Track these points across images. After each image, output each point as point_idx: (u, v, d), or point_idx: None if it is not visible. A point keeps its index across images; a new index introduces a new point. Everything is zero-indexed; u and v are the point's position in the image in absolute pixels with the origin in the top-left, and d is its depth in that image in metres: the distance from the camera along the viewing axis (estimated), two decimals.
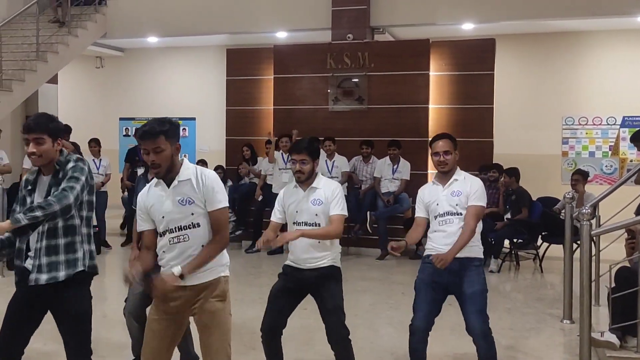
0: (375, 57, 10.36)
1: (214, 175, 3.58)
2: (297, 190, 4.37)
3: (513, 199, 9.02)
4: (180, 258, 3.48)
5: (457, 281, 4.27)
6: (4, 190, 8.44)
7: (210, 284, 3.54)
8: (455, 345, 5.53)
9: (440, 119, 10.18)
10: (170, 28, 12.42)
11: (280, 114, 10.63)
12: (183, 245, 3.49)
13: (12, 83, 10.43)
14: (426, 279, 4.39)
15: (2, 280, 7.67)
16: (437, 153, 4.37)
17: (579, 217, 4.98)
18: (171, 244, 3.51)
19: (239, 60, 11.27)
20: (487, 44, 10.18)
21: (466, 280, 4.27)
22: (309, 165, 4.26)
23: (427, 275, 4.38)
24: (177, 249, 3.50)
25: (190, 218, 3.47)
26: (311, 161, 4.27)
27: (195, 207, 3.48)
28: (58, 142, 3.59)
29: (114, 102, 14.76)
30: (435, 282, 4.33)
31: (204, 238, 3.51)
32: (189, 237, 3.48)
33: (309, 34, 11.69)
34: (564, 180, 11.47)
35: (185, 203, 3.48)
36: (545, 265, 8.97)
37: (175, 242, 3.50)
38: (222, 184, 3.64)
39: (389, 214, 9.60)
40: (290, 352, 4.75)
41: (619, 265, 5.32)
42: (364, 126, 10.22)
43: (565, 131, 12.19)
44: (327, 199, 4.28)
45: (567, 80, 12.13)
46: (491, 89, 10.03)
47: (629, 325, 4.79)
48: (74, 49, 11.94)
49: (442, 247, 4.27)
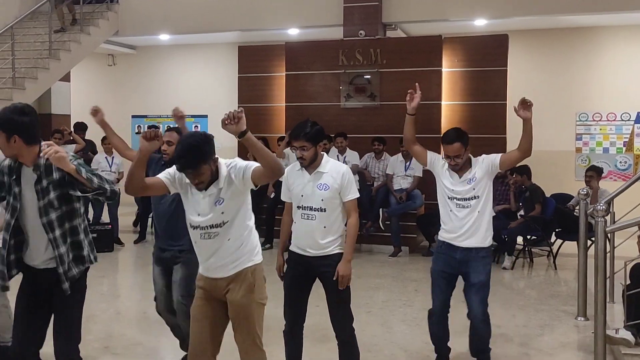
0: (387, 53, 10.36)
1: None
2: (302, 173, 4.29)
3: (526, 196, 9.00)
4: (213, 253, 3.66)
5: (465, 270, 4.59)
6: None
7: (238, 275, 3.65)
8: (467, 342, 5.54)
9: (452, 116, 10.17)
10: (182, 25, 12.48)
11: (292, 111, 10.65)
12: (217, 241, 3.63)
13: (25, 81, 10.52)
14: (438, 269, 4.71)
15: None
16: (448, 156, 4.60)
17: (594, 213, 4.98)
18: (202, 239, 3.66)
19: (251, 58, 11.30)
20: (500, 40, 10.16)
21: (473, 270, 4.55)
22: (310, 151, 4.17)
23: (439, 265, 4.70)
24: (211, 245, 3.64)
25: (221, 217, 3.59)
26: (312, 146, 4.18)
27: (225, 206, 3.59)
28: (14, 139, 3.42)
29: (126, 100, 14.84)
30: (445, 272, 4.66)
31: (236, 232, 3.65)
32: (219, 234, 3.62)
33: (320, 30, 11.71)
34: (578, 176, 11.44)
35: (217, 204, 3.59)
36: (559, 262, 8.94)
37: (205, 237, 3.64)
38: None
39: (402, 211, 9.60)
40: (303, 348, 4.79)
41: (634, 262, 5.31)
42: (376, 123, 10.22)
43: (579, 127, 12.14)
44: (336, 184, 4.19)
45: (581, 76, 12.07)
46: (504, 85, 10.01)
47: None
48: (86, 47, 12.02)
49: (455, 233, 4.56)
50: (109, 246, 9.59)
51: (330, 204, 4.19)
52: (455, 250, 4.58)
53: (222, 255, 3.65)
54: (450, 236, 4.62)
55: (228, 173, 3.61)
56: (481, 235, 4.56)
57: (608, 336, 4.81)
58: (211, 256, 3.66)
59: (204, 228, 3.62)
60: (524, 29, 11.91)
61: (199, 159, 3.47)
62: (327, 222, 4.20)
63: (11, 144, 3.44)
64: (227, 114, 3.46)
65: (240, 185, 3.59)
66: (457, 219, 4.58)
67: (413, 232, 9.82)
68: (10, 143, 3.44)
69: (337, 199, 4.21)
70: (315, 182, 4.21)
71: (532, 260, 9.15)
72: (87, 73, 14.72)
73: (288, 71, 10.88)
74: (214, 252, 3.65)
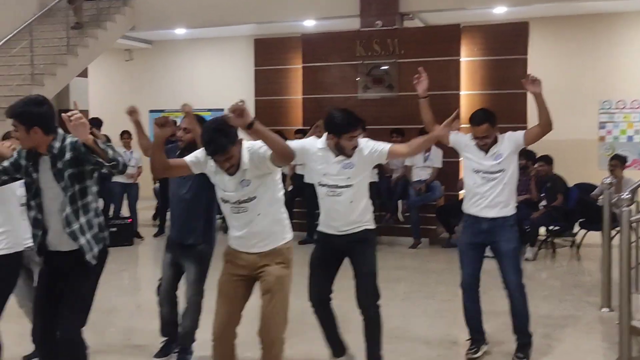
0: (405, 43, 10.29)
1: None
2: (327, 153, 4.31)
3: (548, 186, 8.91)
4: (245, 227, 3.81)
5: (493, 239, 4.76)
6: None
7: (273, 251, 3.83)
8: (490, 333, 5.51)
9: (472, 105, 10.04)
10: (198, 19, 12.51)
11: (310, 103, 10.63)
12: (247, 215, 3.78)
13: (44, 77, 10.61)
14: (465, 241, 4.91)
15: None
16: (477, 137, 4.76)
17: (618, 203, 4.92)
18: (232, 213, 3.83)
19: (267, 50, 11.28)
20: (520, 27, 10.04)
21: (502, 238, 4.74)
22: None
23: (467, 238, 4.91)
24: (241, 219, 3.81)
25: (248, 194, 3.74)
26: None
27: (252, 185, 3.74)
28: (34, 130, 3.50)
29: (144, 95, 14.90)
30: (473, 243, 4.83)
31: (265, 207, 3.79)
32: (248, 209, 3.77)
33: (337, 21, 11.67)
34: (601, 165, 11.32)
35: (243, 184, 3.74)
36: (583, 253, 8.87)
37: (235, 212, 3.81)
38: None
39: (421, 202, 9.56)
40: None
41: None
42: (395, 114, 10.16)
43: (602, 115, 12.00)
44: (363, 157, 4.27)
45: (604, 63, 11.93)
46: (525, 74, 9.78)
47: None
48: (103, 43, 12.09)
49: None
50: (128, 240, 9.65)
51: (356, 177, 4.27)
52: (482, 221, 4.77)
53: (254, 229, 3.79)
54: (476, 209, 4.80)
55: (250, 156, 3.71)
56: (507, 204, 4.77)
57: (633, 327, 4.75)
58: (243, 229, 3.81)
59: (233, 203, 3.78)
60: (544, 16, 11.77)
61: (227, 142, 3.59)
62: (354, 198, 4.29)
63: (31, 135, 3.51)
64: (230, 109, 3.53)
65: (263, 168, 3.69)
66: (482, 191, 4.75)
67: (433, 223, 9.77)
68: (30, 135, 3.51)
69: (361, 175, 4.30)
70: (340, 163, 4.27)
71: (555, 250, 9.07)
72: (105, 68, 14.82)
73: (305, 63, 10.85)
74: (246, 226, 3.80)
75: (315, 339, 4.84)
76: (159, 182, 10.92)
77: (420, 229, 9.54)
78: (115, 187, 10.09)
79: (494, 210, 4.73)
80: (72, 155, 3.55)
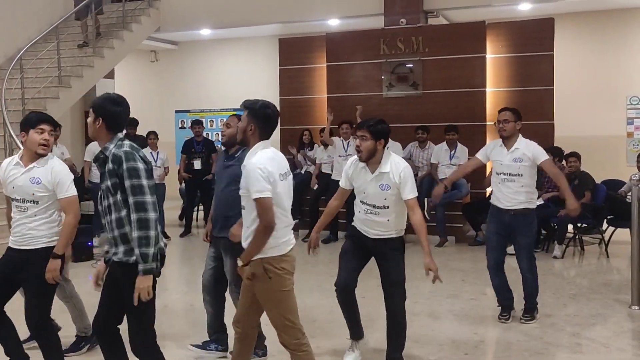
0: (429, 41, 10.25)
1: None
2: (365, 171, 4.47)
3: (576, 183, 8.82)
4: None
5: (513, 231, 5.61)
6: None
7: (250, 265, 3.76)
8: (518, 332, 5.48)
9: (498, 102, 9.99)
10: (223, 20, 12.59)
11: (334, 102, 10.62)
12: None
13: (71, 79, 10.76)
14: (492, 230, 5.76)
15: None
16: (499, 121, 5.55)
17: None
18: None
19: (292, 50, 11.30)
20: (546, 23, 9.95)
21: (520, 233, 5.59)
22: (369, 143, 4.35)
23: (492, 227, 5.75)
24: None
25: None
26: (372, 139, 4.34)
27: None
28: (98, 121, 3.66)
29: (169, 95, 15.04)
30: (499, 233, 5.67)
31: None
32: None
33: (361, 20, 11.66)
34: (630, 162, 11.17)
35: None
36: (612, 250, 8.76)
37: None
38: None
39: (447, 200, 9.48)
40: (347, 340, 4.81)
41: None
42: (419, 112, 10.13)
43: (630, 111, 11.85)
44: (396, 183, 4.38)
45: (631, 58, 11.78)
46: (551, 70, 9.80)
47: None
48: (129, 44, 12.22)
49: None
50: None
51: (393, 200, 4.43)
52: (504, 214, 5.57)
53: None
54: (498, 203, 5.62)
55: None
56: (524, 202, 5.53)
57: None
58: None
59: None
60: (570, 12, 11.65)
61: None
62: (391, 217, 4.48)
63: (95, 125, 3.67)
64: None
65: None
66: (503, 191, 5.57)
67: (459, 221, 9.72)
68: (95, 124, 3.67)
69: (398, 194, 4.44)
70: (377, 182, 4.41)
71: (583, 248, 8.97)
72: (131, 69, 14.97)
73: (329, 62, 10.85)
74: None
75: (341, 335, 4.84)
76: (184, 183, 11.03)
77: (446, 227, 9.51)
78: None
79: (514, 207, 5.56)
80: (114, 167, 3.55)
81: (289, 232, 3.82)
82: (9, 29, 11.56)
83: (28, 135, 4.26)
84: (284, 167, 3.83)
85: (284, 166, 3.85)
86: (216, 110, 14.64)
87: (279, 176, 3.72)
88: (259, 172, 3.61)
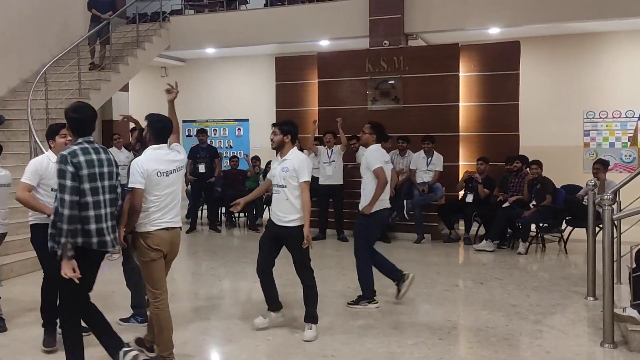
0: (409, 60, 10.26)
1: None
2: (277, 159, 5.15)
3: (538, 188, 8.84)
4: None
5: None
6: None
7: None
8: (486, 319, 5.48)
9: (469, 116, 10.04)
10: (226, 40, 12.58)
11: (324, 114, 10.61)
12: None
13: (90, 92, 10.69)
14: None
15: None
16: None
17: (601, 202, 4.87)
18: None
19: (287, 67, 11.29)
20: (513, 46, 9.97)
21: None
22: (278, 137, 5.05)
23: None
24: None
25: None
26: (280, 133, 5.03)
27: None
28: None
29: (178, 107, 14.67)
30: None
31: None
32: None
33: (349, 41, 11.66)
34: (586, 169, 11.23)
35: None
36: (570, 247, 8.78)
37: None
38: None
39: (424, 202, 9.52)
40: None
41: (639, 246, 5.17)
42: (400, 123, 10.13)
43: (587, 124, 11.90)
44: (295, 169, 4.95)
45: (588, 77, 11.84)
46: (517, 87, 9.83)
47: None
48: (142, 60, 12.16)
49: None
50: None
51: (288, 182, 4.96)
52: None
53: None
54: None
55: None
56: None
57: (616, 314, 4.70)
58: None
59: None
60: (534, 36, 11.70)
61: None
62: (289, 197, 4.94)
63: (67, 130, 4.24)
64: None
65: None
66: None
67: (435, 221, 9.73)
68: (67, 129, 4.24)
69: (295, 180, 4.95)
70: (281, 166, 5.02)
71: (545, 245, 8.99)
72: (143, 84, 14.90)
73: (320, 78, 10.84)
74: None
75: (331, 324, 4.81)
76: (190, 185, 10.99)
77: (423, 225, 9.51)
78: None
79: None
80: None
81: (161, 217, 4.22)
82: (35, 47, 11.49)
83: (55, 142, 4.78)
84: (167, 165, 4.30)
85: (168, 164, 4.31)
86: (219, 120, 14.61)
87: (157, 173, 4.20)
88: (136, 167, 4.14)
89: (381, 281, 6.06)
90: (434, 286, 6.79)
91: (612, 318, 4.68)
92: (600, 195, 5.21)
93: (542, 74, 12.01)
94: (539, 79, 11.94)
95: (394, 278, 5.98)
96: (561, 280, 7.04)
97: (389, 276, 6.00)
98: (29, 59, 11.35)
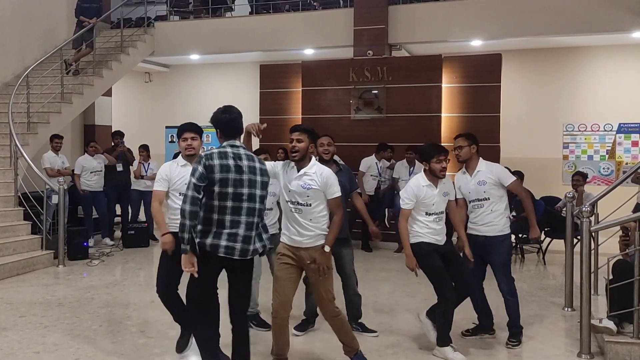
0: (392, 71, 10.31)
1: None
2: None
3: (517, 199, 8.89)
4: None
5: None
6: (65, 190, 8.56)
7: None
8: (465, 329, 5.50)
9: (451, 126, 10.10)
10: (211, 47, 12.54)
11: (308, 122, 10.57)
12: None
13: (73, 96, 10.59)
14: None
15: (63, 270, 7.74)
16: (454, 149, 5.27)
17: (580, 214, 4.92)
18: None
19: (271, 75, 11.29)
20: (494, 58, 10.08)
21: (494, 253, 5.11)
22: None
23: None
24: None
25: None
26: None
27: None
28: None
29: (161, 112, 14.91)
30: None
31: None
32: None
33: (333, 50, 11.70)
34: (565, 181, 11.34)
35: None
36: (548, 258, 8.85)
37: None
38: None
39: None
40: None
41: (616, 258, 5.23)
42: (383, 132, 10.17)
43: (566, 137, 12.03)
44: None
45: (568, 90, 11.99)
46: (498, 99, 9.92)
47: (625, 313, 4.70)
48: (126, 66, 12.08)
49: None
50: (145, 242, 9.62)
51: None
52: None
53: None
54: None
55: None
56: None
57: (592, 325, 4.74)
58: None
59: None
60: (515, 49, 11.84)
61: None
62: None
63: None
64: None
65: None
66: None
67: None
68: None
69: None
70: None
71: (524, 256, 9.05)
72: (127, 89, 14.81)
73: (304, 87, 10.86)
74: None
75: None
76: None
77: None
78: (134, 194, 10.06)
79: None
80: None
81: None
82: (18, 50, 11.37)
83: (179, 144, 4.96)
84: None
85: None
86: (202, 127, 14.52)
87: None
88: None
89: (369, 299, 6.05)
90: (414, 295, 6.80)
91: (589, 329, 4.71)
92: (579, 207, 5.27)
93: (522, 87, 12.14)
94: (520, 92, 12.08)
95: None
96: (539, 291, 7.09)
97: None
98: (12, 62, 11.22)
